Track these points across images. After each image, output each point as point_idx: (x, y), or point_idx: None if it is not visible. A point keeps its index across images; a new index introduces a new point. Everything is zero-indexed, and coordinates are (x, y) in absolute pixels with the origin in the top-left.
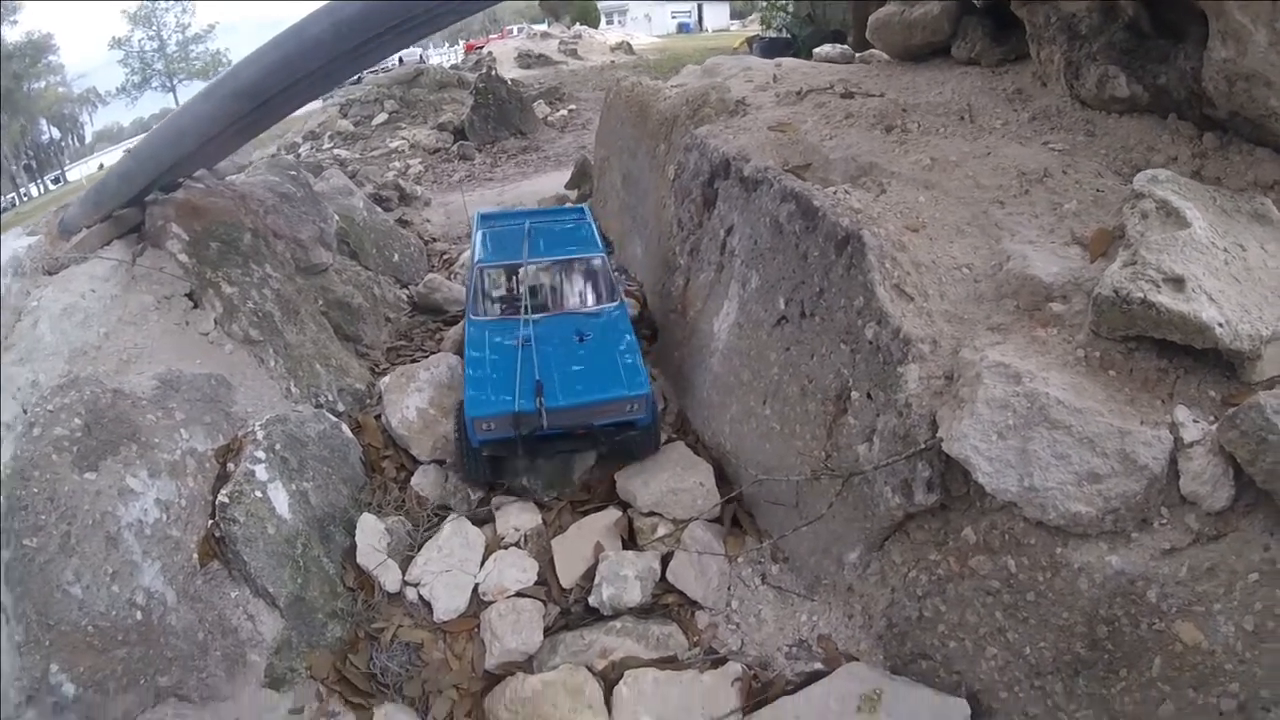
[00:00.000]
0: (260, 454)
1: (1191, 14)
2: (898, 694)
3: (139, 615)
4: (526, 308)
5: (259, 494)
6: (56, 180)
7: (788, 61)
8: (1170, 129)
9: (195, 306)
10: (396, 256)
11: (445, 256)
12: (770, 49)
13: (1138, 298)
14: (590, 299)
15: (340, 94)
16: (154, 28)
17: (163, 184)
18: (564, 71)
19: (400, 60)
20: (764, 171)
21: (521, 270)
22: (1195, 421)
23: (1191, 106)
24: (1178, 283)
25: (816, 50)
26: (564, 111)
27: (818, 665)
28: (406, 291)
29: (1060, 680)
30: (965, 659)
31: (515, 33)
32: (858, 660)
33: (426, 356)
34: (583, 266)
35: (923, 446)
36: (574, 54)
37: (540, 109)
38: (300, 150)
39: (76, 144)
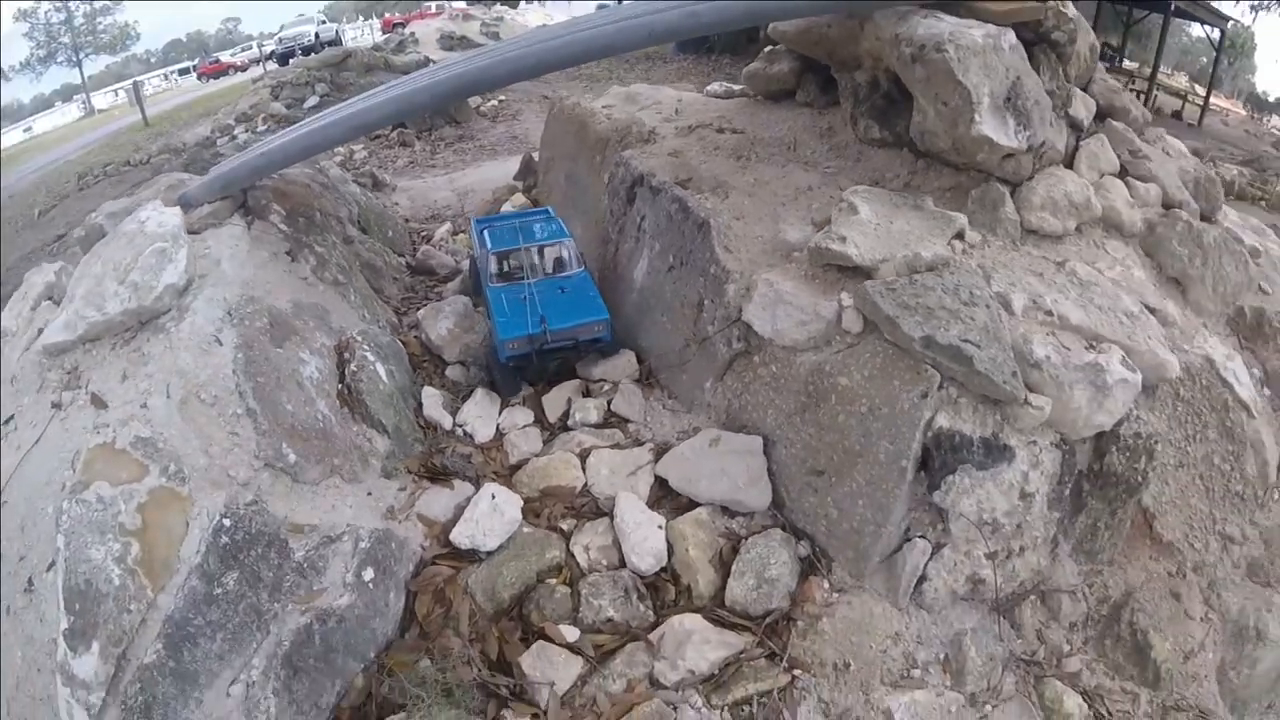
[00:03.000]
0: (366, 347)
1: None
2: (728, 436)
3: (320, 424)
4: (527, 275)
5: (371, 368)
6: None
7: (687, 96)
8: (902, 157)
9: (294, 261)
10: (390, 233)
11: (423, 233)
12: (685, 44)
13: (823, 245)
14: (566, 268)
15: (270, 76)
16: None
17: None
18: None
19: (317, 37)
20: (663, 184)
21: (522, 251)
22: (850, 297)
23: (913, 145)
24: (843, 239)
25: (708, 88)
26: (494, 101)
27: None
28: (403, 259)
29: (798, 417)
30: (760, 419)
31: (435, 10)
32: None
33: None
34: (559, 248)
35: (734, 320)
36: (496, 37)
37: (473, 99)
38: (235, 132)
39: None
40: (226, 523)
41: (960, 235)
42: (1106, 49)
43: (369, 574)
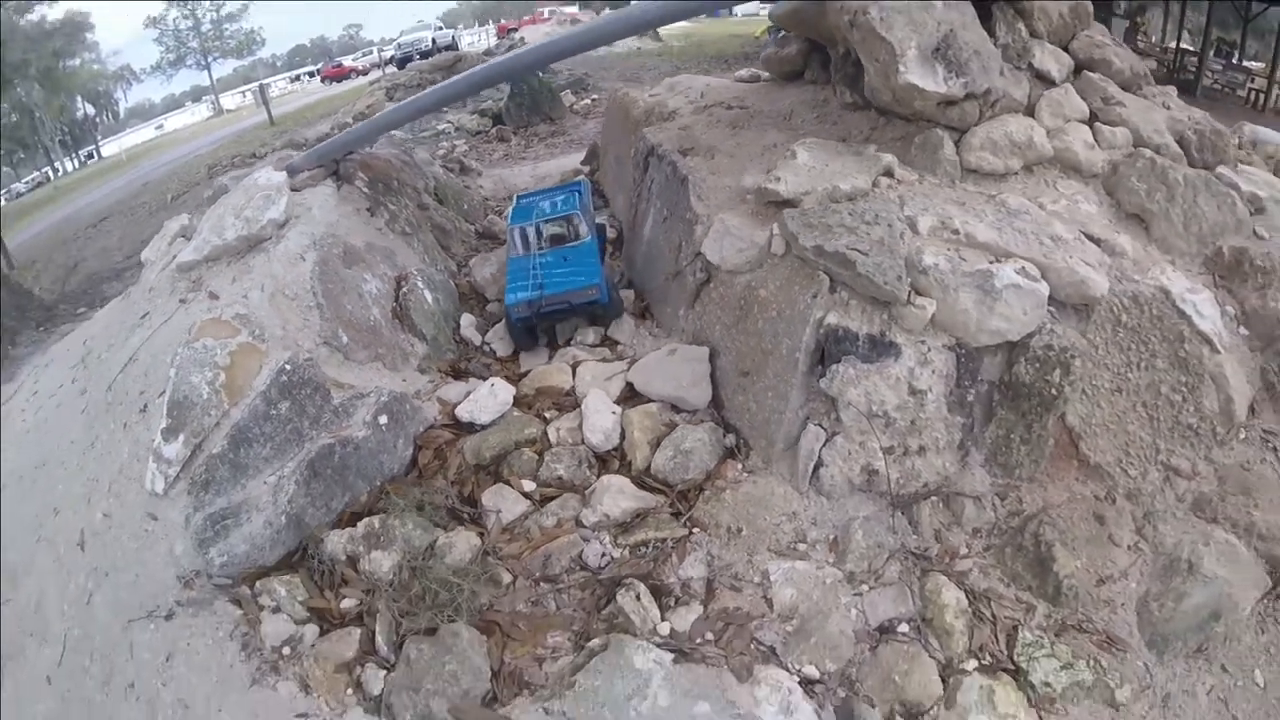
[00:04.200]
0: (419, 279)
1: None
2: (683, 348)
3: (372, 324)
4: (537, 247)
5: (420, 293)
6: (90, 156)
7: (715, 82)
8: (868, 117)
9: (372, 215)
10: (465, 205)
11: (497, 209)
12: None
13: (762, 185)
14: (570, 237)
15: (386, 78)
16: (189, 6)
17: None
18: (591, 59)
19: (434, 42)
20: (667, 152)
21: (534, 226)
22: (778, 226)
23: (874, 104)
24: (777, 179)
25: (737, 73)
26: (587, 100)
27: None
28: (473, 226)
29: (734, 328)
30: (711, 334)
31: (546, 15)
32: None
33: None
34: (566, 220)
35: (696, 253)
36: None
37: (567, 98)
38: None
39: (110, 120)
40: (288, 368)
41: (889, 173)
42: (1222, 45)
43: (384, 419)
